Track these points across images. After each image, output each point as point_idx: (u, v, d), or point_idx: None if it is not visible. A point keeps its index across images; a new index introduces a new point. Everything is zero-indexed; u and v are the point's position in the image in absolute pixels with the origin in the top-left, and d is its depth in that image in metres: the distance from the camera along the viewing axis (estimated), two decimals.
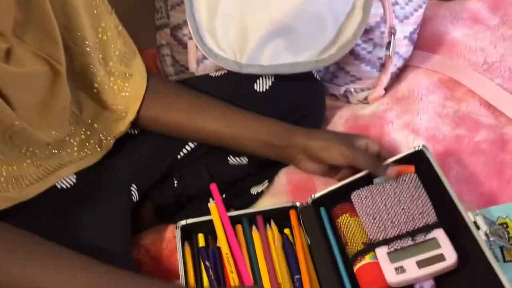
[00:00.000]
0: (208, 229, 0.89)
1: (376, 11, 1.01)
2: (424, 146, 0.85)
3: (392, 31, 1.02)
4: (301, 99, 0.99)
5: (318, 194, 0.91)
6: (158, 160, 0.94)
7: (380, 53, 1.04)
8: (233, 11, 0.96)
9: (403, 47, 1.06)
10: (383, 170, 0.85)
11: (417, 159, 0.86)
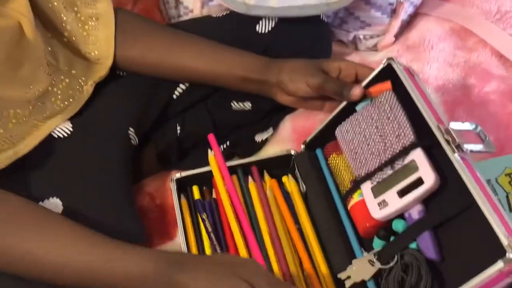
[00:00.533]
0: (204, 180, 0.88)
1: None
2: (391, 59, 0.78)
3: None
4: (305, 42, 0.95)
5: (309, 137, 0.89)
6: (152, 99, 0.91)
7: None
8: None
9: None
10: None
11: (394, 76, 0.78)
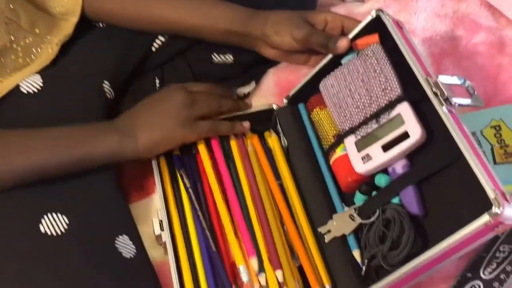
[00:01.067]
0: None
1: None
2: (380, 10, 0.77)
3: None
4: None
5: (292, 91, 0.87)
6: (129, 51, 0.88)
7: None
8: None
9: None
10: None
11: (382, 29, 0.77)
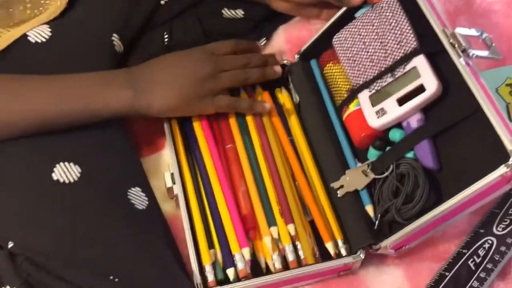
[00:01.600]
0: None
1: None
2: None
3: None
4: None
5: (304, 47, 0.86)
6: (138, 4, 0.86)
7: None
8: None
9: None
10: None
11: None
